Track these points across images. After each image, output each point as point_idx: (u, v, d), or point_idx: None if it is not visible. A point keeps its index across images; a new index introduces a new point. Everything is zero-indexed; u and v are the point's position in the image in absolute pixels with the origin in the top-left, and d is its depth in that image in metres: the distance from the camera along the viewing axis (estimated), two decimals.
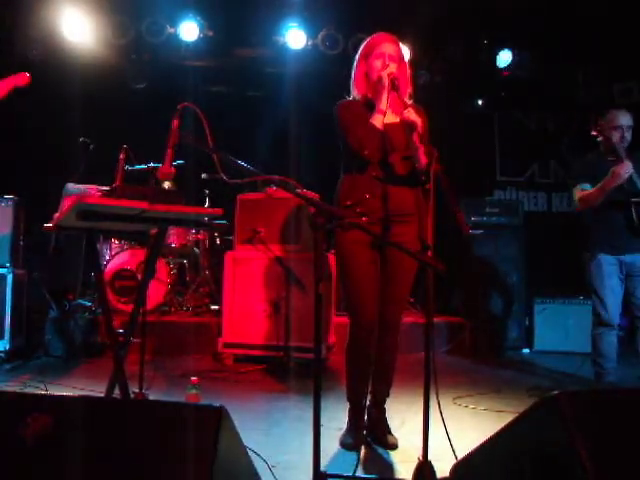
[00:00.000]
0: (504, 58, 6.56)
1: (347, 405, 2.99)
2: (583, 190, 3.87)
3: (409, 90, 2.90)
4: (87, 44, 6.09)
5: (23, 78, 2.77)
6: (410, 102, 2.86)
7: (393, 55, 2.80)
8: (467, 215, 5.73)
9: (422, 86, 6.33)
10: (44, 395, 1.95)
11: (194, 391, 3.24)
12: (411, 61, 2.96)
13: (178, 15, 6.14)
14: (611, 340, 3.89)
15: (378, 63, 2.79)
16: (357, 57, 2.91)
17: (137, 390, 3.25)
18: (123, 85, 6.64)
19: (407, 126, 2.59)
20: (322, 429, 1.95)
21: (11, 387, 3.84)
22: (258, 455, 2.44)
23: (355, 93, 2.91)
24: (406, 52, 2.95)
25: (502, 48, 6.52)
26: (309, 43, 6.36)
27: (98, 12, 6.02)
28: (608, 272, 3.87)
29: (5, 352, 4.58)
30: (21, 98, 3.12)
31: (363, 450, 2.82)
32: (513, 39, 6.47)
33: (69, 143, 6.04)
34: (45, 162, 6.11)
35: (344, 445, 2.87)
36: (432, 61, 6.65)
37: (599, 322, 3.91)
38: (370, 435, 2.95)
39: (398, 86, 2.72)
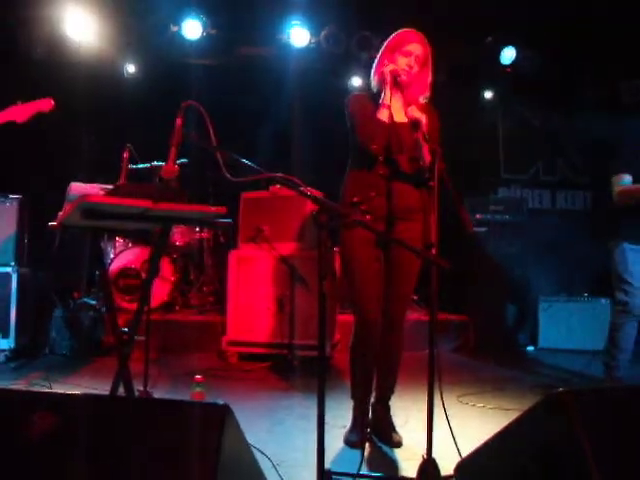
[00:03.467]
0: (508, 55, 6.54)
1: (351, 403, 2.99)
2: (623, 183, 3.76)
3: (425, 93, 2.88)
4: (90, 43, 6.10)
5: (47, 104, 2.79)
6: (422, 101, 2.85)
7: (420, 56, 2.80)
8: (471, 213, 5.72)
9: None
10: (50, 393, 1.96)
11: (199, 389, 3.24)
12: None
13: (181, 13, 6.14)
14: (631, 332, 3.82)
15: (403, 61, 2.77)
16: (382, 48, 2.88)
17: (141, 388, 3.26)
18: (126, 83, 6.65)
19: (412, 124, 2.58)
20: (326, 427, 1.94)
21: (16, 385, 3.86)
22: (262, 453, 2.44)
23: (373, 84, 2.90)
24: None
25: (506, 45, 6.50)
26: (312, 41, 6.35)
27: (102, 11, 6.02)
28: (632, 259, 3.79)
29: (10, 350, 4.60)
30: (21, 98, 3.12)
31: (367, 448, 2.82)
32: (518, 36, 6.44)
33: (72, 141, 6.07)
34: (49, 160, 6.11)
35: (348, 443, 2.87)
36: (435, 58, 6.63)
37: (622, 310, 3.81)
38: (374, 432, 2.95)
39: (401, 83, 2.71)
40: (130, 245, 5.60)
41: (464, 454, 2.16)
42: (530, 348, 5.75)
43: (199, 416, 1.47)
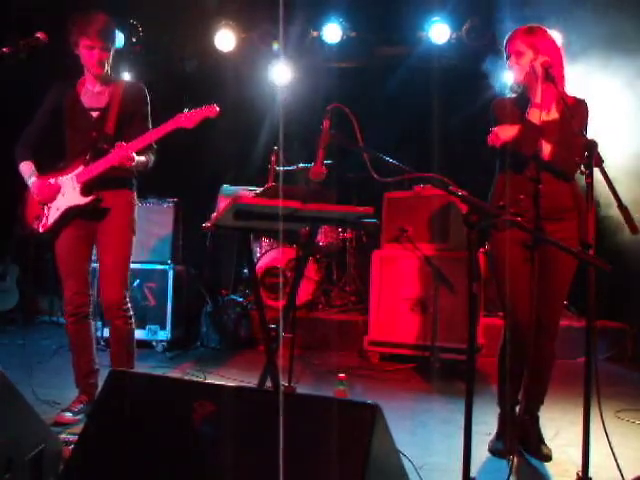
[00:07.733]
0: None
1: (497, 409, 2.89)
2: None
3: (563, 81, 2.74)
4: (235, 52, 6.45)
5: (213, 111, 2.96)
6: (571, 95, 2.71)
7: (519, 50, 2.69)
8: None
9: None
10: (207, 384, 2.09)
11: (342, 387, 3.28)
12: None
13: (321, 18, 6.28)
14: None
15: (509, 64, 2.74)
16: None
17: (286, 383, 3.37)
18: (270, 89, 6.92)
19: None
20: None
21: (173, 374, 4.17)
22: (404, 455, 2.42)
23: (510, 94, 2.86)
24: (557, 38, 2.77)
25: None
26: (453, 36, 6.18)
27: (245, 22, 6.36)
28: None
29: (167, 342, 4.98)
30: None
31: (514, 459, 2.70)
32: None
33: (223, 147, 6.42)
34: (199, 166, 6.53)
35: (494, 452, 2.78)
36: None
37: None
38: (521, 443, 2.81)
39: (553, 75, 2.58)
40: (275, 245, 5.80)
41: (627, 477, 2.00)
42: None
43: (349, 414, 1.49)
